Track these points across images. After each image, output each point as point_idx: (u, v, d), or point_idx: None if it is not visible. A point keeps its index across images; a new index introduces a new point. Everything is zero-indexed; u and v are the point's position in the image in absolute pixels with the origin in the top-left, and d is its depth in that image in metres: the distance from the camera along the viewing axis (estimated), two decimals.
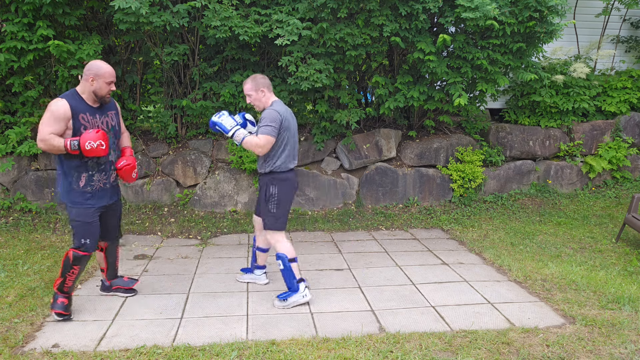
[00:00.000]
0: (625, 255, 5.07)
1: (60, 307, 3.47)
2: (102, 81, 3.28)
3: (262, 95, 3.64)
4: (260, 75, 3.68)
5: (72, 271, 3.41)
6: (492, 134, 6.99)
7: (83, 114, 3.26)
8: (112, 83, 3.33)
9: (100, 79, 3.27)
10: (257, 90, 3.63)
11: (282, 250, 3.68)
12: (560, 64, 7.11)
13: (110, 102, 3.51)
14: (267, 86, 3.65)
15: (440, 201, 6.53)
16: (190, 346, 3.12)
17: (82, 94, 3.31)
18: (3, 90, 5.83)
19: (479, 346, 3.15)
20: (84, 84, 3.29)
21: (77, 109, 3.23)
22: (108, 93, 3.35)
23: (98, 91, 3.29)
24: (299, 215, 6.08)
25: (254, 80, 3.63)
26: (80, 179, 3.34)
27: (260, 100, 3.65)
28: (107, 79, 3.30)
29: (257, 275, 4.19)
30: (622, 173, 7.17)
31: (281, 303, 3.72)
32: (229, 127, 3.60)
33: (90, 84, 3.27)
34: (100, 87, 3.29)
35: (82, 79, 3.31)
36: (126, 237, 5.38)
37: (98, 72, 3.27)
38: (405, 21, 5.59)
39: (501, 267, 4.61)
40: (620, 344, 3.20)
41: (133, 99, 6.32)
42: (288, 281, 3.70)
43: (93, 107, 3.34)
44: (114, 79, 3.34)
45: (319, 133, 6.30)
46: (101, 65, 3.29)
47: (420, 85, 6.02)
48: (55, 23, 5.40)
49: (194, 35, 6.03)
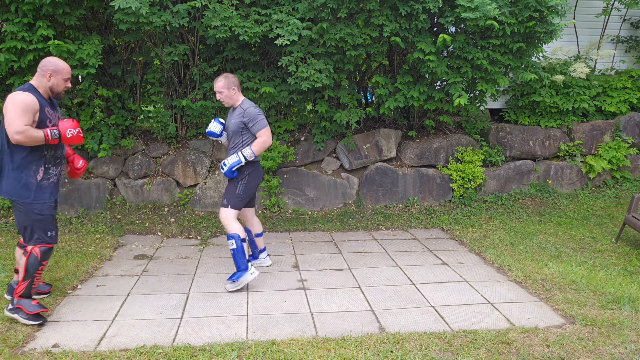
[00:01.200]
0: (625, 255, 5.07)
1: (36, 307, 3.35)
2: (59, 77, 3.30)
3: (233, 93, 3.91)
4: (232, 74, 3.93)
5: (41, 268, 3.34)
6: (492, 134, 6.99)
7: (47, 107, 3.29)
8: (68, 80, 3.37)
9: (58, 75, 3.29)
10: (229, 88, 3.89)
11: (235, 231, 3.89)
12: (560, 64, 7.11)
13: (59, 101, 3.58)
14: (238, 85, 3.93)
15: (440, 201, 6.53)
16: (190, 346, 3.12)
17: (38, 88, 3.29)
18: (3, 90, 5.83)
19: (479, 346, 3.15)
20: (40, 79, 3.28)
21: (42, 102, 3.26)
22: (64, 90, 3.38)
23: (55, 87, 3.31)
24: (299, 215, 6.08)
25: (227, 79, 3.87)
26: (37, 172, 3.30)
27: (231, 98, 3.93)
28: (65, 75, 3.32)
29: (262, 258, 4.53)
30: (622, 173, 7.17)
31: (233, 285, 3.93)
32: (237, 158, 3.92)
33: (47, 80, 3.28)
34: (57, 83, 3.31)
35: (38, 74, 3.28)
36: (126, 237, 5.39)
37: (56, 69, 3.28)
38: (405, 21, 5.59)
39: (501, 267, 4.61)
40: (620, 344, 3.20)
41: (133, 99, 6.32)
42: (240, 261, 3.89)
43: (49, 102, 3.37)
44: (70, 76, 3.38)
45: (319, 133, 6.30)
46: (58, 62, 3.31)
47: (420, 85, 6.02)
48: (55, 23, 5.40)
49: (194, 35, 6.03)
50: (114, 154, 6.04)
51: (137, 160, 6.05)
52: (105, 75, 6.15)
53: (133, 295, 3.91)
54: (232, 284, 3.94)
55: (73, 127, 3.28)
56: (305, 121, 6.55)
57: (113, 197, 6.05)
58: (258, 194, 6.14)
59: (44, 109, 3.25)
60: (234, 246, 3.87)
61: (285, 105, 6.46)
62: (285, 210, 6.16)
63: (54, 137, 3.22)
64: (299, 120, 6.53)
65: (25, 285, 3.33)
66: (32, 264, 3.31)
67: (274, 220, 5.94)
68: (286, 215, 6.06)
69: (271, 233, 5.63)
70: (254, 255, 4.53)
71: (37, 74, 3.29)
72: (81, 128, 3.31)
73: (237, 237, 3.87)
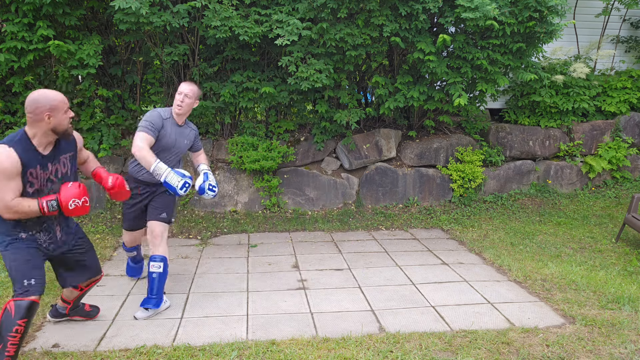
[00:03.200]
0: (625, 255, 5.07)
1: None
2: (60, 112, 2.63)
3: (195, 105, 3.64)
4: None
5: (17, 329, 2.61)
6: (492, 134, 7.00)
7: (32, 169, 2.62)
8: (69, 110, 2.70)
9: (57, 112, 2.62)
10: (196, 100, 3.63)
11: (166, 252, 3.56)
12: (560, 64, 7.12)
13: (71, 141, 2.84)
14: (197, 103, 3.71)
15: (440, 201, 6.53)
16: (190, 346, 3.12)
17: (33, 138, 2.62)
18: (3, 90, 5.83)
19: (478, 346, 3.15)
20: (37, 124, 2.60)
21: (27, 164, 2.59)
22: (70, 123, 2.71)
23: (59, 127, 2.65)
24: (299, 215, 6.08)
25: (199, 90, 3.65)
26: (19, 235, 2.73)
27: (190, 108, 3.60)
28: (64, 107, 2.65)
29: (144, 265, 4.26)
30: (622, 173, 7.17)
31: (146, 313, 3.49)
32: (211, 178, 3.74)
33: (47, 123, 2.60)
34: (59, 121, 2.64)
35: (31, 120, 2.58)
36: None
37: (52, 104, 2.59)
38: (405, 21, 5.59)
39: (501, 267, 4.61)
40: (620, 344, 3.21)
41: (133, 99, 6.33)
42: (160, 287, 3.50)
43: (45, 156, 2.67)
44: (68, 103, 2.70)
45: (319, 133, 6.30)
46: (50, 94, 2.62)
47: (420, 85, 6.02)
48: (56, 23, 5.40)
49: (194, 35, 6.03)
50: (114, 154, 6.04)
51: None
52: (105, 76, 6.15)
53: (133, 295, 3.91)
54: (145, 312, 3.49)
55: (78, 197, 2.68)
56: (305, 121, 6.55)
57: None
58: (258, 194, 6.14)
59: (27, 172, 2.59)
60: (161, 270, 3.46)
61: (285, 105, 6.46)
62: (285, 210, 6.16)
63: (52, 209, 2.65)
64: (299, 120, 6.53)
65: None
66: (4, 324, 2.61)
67: (274, 220, 5.94)
68: (286, 215, 6.06)
69: (271, 233, 5.64)
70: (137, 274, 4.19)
71: (30, 120, 2.59)
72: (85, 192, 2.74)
73: (166, 260, 3.53)
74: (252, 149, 5.93)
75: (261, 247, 5.15)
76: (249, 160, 5.82)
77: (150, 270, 3.48)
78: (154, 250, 3.53)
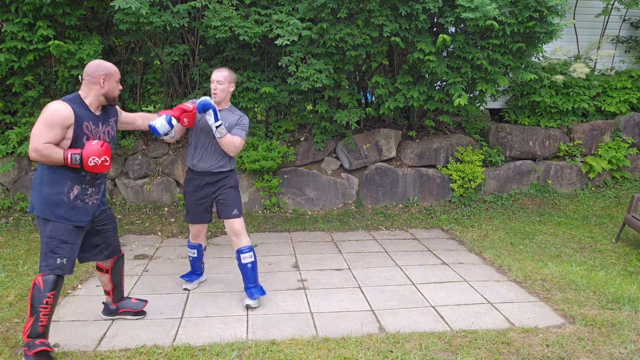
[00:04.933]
0: (625, 255, 5.08)
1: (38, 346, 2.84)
2: (113, 81, 2.97)
3: (230, 89, 3.60)
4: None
5: (46, 301, 2.83)
6: (492, 134, 7.00)
7: (87, 122, 2.88)
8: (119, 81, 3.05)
9: (111, 79, 2.95)
10: (231, 83, 3.59)
11: (248, 242, 3.67)
12: (560, 64, 7.12)
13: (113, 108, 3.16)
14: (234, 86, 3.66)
15: (440, 201, 6.53)
16: (190, 346, 3.12)
17: (86, 99, 2.92)
18: (3, 90, 5.83)
19: (478, 346, 3.15)
20: (92, 87, 2.91)
21: (81, 116, 2.85)
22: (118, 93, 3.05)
23: (110, 92, 2.97)
24: (299, 215, 6.08)
25: (231, 73, 3.60)
26: (72, 190, 2.90)
27: (226, 94, 3.58)
28: (117, 77, 3.00)
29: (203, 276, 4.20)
30: (622, 173, 7.17)
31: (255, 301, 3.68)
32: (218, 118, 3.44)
33: (101, 86, 2.91)
34: (112, 87, 2.97)
35: (87, 82, 2.90)
36: (126, 237, 5.39)
37: (108, 72, 2.93)
38: (405, 21, 5.59)
39: (501, 267, 4.61)
40: (620, 344, 3.21)
41: (133, 99, 6.33)
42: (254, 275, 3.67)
43: (96, 115, 2.97)
44: (119, 77, 3.05)
45: (319, 133, 6.30)
46: (107, 64, 2.97)
47: (420, 85, 6.03)
48: (56, 23, 5.40)
49: (194, 35, 6.04)
50: (114, 154, 6.04)
51: (137, 160, 6.06)
52: None
53: (133, 295, 3.91)
54: (256, 301, 3.70)
55: (98, 155, 2.81)
56: (305, 121, 6.55)
57: (113, 197, 6.05)
58: (258, 194, 6.14)
59: (82, 123, 2.85)
60: (252, 259, 3.65)
61: (285, 105, 6.46)
62: (285, 210, 6.16)
63: (75, 162, 2.79)
64: (299, 120, 6.53)
65: (31, 323, 2.84)
66: (36, 296, 2.83)
67: (274, 220, 5.94)
68: (286, 215, 6.06)
69: (271, 233, 5.64)
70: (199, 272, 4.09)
71: (86, 81, 2.91)
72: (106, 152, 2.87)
73: (253, 248, 3.68)
74: (252, 149, 5.93)
75: (261, 247, 5.15)
76: (249, 160, 5.82)
77: (243, 262, 3.64)
78: (239, 243, 3.66)
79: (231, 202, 3.66)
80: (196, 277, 4.08)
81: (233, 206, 3.67)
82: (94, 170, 2.84)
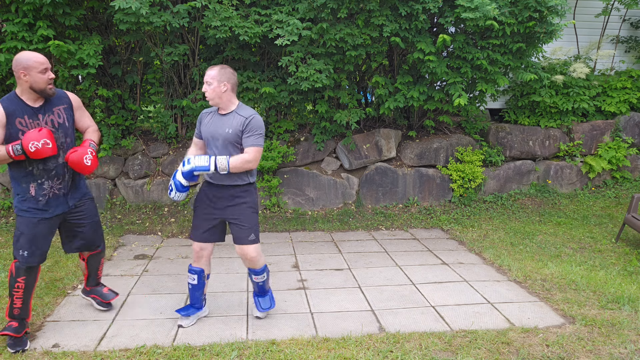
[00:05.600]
0: (625, 255, 5.08)
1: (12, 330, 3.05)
2: (34, 72, 2.86)
3: (223, 90, 3.10)
4: (231, 69, 3.17)
5: (17, 286, 3.01)
6: (492, 134, 7.00)
7: (20, 118, 2.89)
8: (47, 70, 2.90)
9: (32, 71, 2.85)
10: (221, 82, 3.09)
11: (264, 262, 3.41)
12: (560, 64, 7.12)
13: (60, 96, 3.08)
14: (233, 84, 3.15)
15: (440, 201, 6.53)
16: (190, 346, 3.12)
17: (21, 95, 2.93)
18: (3, 90, 5.83)
19: (478, 346, 3.15)
20: (18, 81, 2.88)
21: (12, 114, 2.87)
22: (48, 83, 2.92)
23: (35, 85, 2.88)
24: (299, 215, 6.08)
25: (222, 69, 3.11)
26: (29, 189, 2.99)
27: (219, 96, 3.11)
28: (38, 67, 2.86)
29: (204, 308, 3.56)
30: (622, 173, 7.17)
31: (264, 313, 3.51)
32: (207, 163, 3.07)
33: (24, 81, 2.87)
34: (35, 80, 2.87)
35: (15, 77, 2.89)
36: (126, 237, 5.39)
37: (26, 65, 2.84)
38: (405, 21, 5.59)
39: (501, 267, 4.61)
40: (620, 344, 3.21)
41: (133, 99, 6.33)
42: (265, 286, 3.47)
43: (34, 107, 2.95)
44: (47, 65, 2.90)
45: (319, 133, 6.31)
46: (29, 55, 2.87)
47: (420, 85, 6.03)
48: (56, 23, 5.41)
49: (194, 35, 6.04)
50: (114, 154, 6.04)
51: (137, 160, 6.06)
52: (106, 76, 6.15)
53: (133, 295, 3.91)
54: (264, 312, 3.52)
55: (36, 139, 2.81)
56: (305, 121, 6.55)
57: (113, 197, 6.06)
58: (258, 193, 6.14)
59: (15, 120, 2.87)
60: (265, 278, 3.42)
61: (285, 105, 6.46)
62: (285, 210, 6.16)
63: (17, 153, 2.81)
64: (299, 120, 6.53)
65: (8, 304, 3.08)
66: (10, 280, 3.05)
67: (274, 220, 5.94)
68: (286, 215, 6.06)
69: (271, 233, 5.64)
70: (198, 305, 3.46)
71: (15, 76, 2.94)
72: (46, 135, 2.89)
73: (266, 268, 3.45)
74: None
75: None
76: None
77: (255, 280, 3.43)
78: (253, 267, 3.36)
79: (247, 224, 3.23)
80: (194, 310, 3.44)
81: (250, 229, 3.24)
82: (38, 155, 2.85)
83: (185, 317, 3.42)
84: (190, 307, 3.45)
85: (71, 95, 3.17)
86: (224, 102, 3.16)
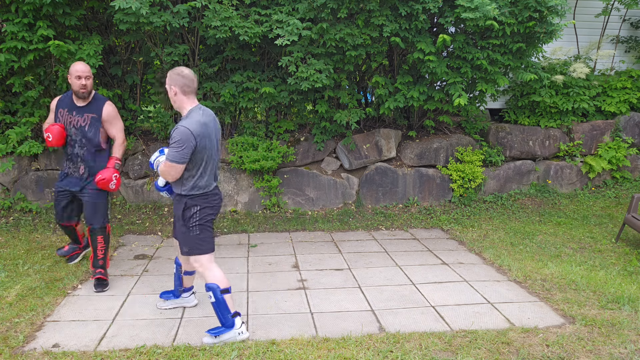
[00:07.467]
0: (625, 255, 5.08)
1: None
2: (71, 78, 3.77)
3: (173, 94, 2.99)
4: (182, 70, 2.98)
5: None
6: (492, 134, 7.00)
7: (62, 109, 3.85)
8: (80, 78, 3.74)
9: (71, 76, 3.78)
10: (170, 86, 2.98)
11: (211, 280, 3.10)
12: (560, 64, 7.12)
13: (99, 106, 3.88)
14: (182, 86, 2.95)
15: (440, 201, 6.53)
16: (190, 346, 3.12)
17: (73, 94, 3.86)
18: (3, 90, 5.83)
19: (478, 346, 3.15)
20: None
21: (60, 105, 3.86)
22: (80, 88, 3.77)
23: (72, 86, 3.80)
24: (299, 215, 6.08)
25: (169, 73, 2.99)
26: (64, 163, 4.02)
27: (173, 101, 3.02)
28: (73, 74, 3.76)
29: (185, 298, 3.68)
30: (622, 173, 7.17)
31: (211, 339, 3.15)
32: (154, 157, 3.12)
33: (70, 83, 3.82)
34: (72, 83, 3.79)
35: None
36: (126, 237, 5.39)
37: (70, 71, 3.79)
38: (405, 21, 5.59)
39: (501, 267, 4.61)
40: (620, 344, 3.21)
41: (133, 99, 6.33)
42: (221, 316, 3.13)
43: (76, 105, 3.84)
44: (81, 74, 3.74)
45: (319, 133, 6.31)
46: (74, 64, 3.79)
47: (420, 85, 6.03)
48: (56, 23, 5.40)
49: (194, 35, 6.04)
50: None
51: (137, 160, 6.06)
52: (106, 76, 6.15)
53: (133, 295, 3.91)
54: (211, 339, 3.16)
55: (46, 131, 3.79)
56: (305, 121, 6.55)
57: (113, 197, 6.05)
58: (258, 194, 6.14)
59: (57, 111, 3.85)
60: (213, 299, 3.10)
61: (285, 105, 6.46)
62: (285, 210, 6.16)
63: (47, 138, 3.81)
64: (299, 120, 6.53)
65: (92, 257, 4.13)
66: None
67: (274, 220, 5.94)
68: (286, 215, 6.06)
69: (271, 233, 5.64)
70: (173, 292, 3.69)
71: None
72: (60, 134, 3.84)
73: (216, 289, 3.08)
74: (252, 149, 5.93)
75: (261, 247, 5.15)
76: (249, 160, 5.82)
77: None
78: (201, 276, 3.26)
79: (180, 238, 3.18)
80: (173, 297, 3.67)
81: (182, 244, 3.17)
82: (47, 142, 3.82)
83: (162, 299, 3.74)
84: (170, 292, 3.76)
85: (106, 109, 3.90)
86: (178, 107, 3.03)
